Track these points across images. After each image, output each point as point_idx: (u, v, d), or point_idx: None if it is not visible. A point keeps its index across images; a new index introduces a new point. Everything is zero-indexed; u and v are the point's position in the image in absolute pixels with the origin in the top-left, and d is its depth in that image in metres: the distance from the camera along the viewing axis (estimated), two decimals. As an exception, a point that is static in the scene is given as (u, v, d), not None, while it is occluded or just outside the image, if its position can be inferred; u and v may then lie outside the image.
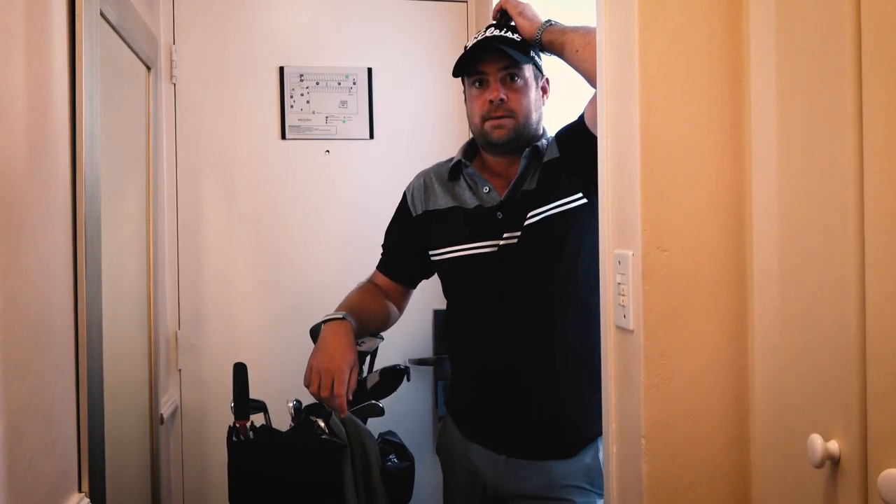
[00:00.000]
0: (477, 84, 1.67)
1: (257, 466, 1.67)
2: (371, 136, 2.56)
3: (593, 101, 1.52)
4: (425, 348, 2.52)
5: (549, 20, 1.61)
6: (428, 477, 2.21)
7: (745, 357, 1.07)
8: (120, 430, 1.79)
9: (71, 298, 1.39)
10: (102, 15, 1.57)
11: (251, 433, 1.69)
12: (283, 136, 2.50)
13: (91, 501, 1.42)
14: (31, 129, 1.23)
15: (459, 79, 1.74)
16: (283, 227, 2.49)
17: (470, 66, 1.66)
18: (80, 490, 1.41)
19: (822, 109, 0.84)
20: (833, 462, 0.79)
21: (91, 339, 1.44)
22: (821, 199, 0.84)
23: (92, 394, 1.44)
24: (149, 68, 2.18)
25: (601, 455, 1.61)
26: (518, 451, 1.65)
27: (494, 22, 1.70)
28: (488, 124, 1.65)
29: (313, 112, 2.53)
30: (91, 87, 1.47)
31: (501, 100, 1.63)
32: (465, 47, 1.70)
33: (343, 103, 2.55)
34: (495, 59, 1.63)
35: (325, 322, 1.66)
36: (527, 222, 1.62)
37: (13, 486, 1.12)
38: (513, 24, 1.66)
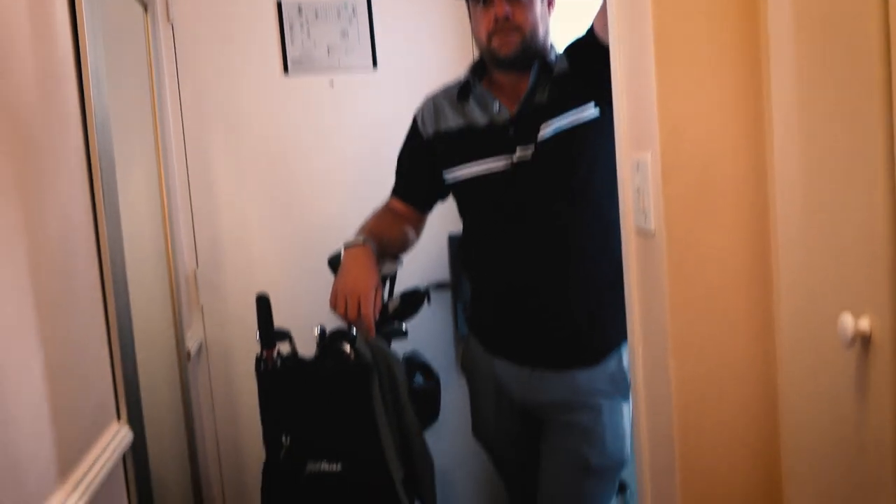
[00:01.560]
0: (481, 2, 1.64)
1: (287, 392, 1.71)
2: (374, 66, 2.52)
3: (603, 11, 1.50)
4: (442, 272, 2.54)
5: None
6: (453, 394, 2.26)
7: (769, 249, 1.07)
8: (150, 366, 1.83)
9: (92, 237, 1.41)
10: (97, -51, 1.54)
11: (278, 361, 1.73)
12: (286, 71, 2.47)
13: (130, 429, 1.46)
14: (39, 70, 1.23)
15: (460, 1, 1.71)
16: (292, 161, 2.49)
17: None
18: (118, 419, 1.46)
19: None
20: (864, 340, 0.80)
21: (116, 277, 1.47)
22: (842, 85, 0.83)
23: (122, 328, 1.47)
24: (145, 7, 2.14)
25: (625, 360, 1.64)
26: (542, 363, 1.69)
27: None
28: (495, 40, 1.63)
29: (314, 44, 2.50)
30: (94, 28, 1.45)
31: (507, 16, 1.61)
32: None
33: (344, 33, 2.51)
34: None
35: (345, 248, 1.68)
36: (540, 135, 1.62)
37: (56, 416, 1.15)
38: None
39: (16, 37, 1.14)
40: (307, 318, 1.89)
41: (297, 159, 2.49)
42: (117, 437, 1.38)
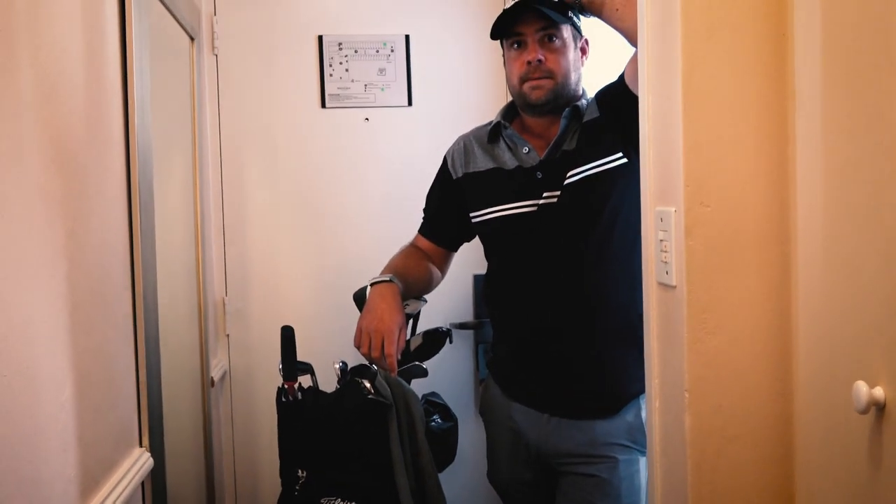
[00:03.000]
0: (515, 46, 1.67)
1: (306, 426, 1.73)
2: (409, 104, 2.57)
3: (633, 60, 1.52)
4: (466, 312, 2.55)
5: None
6: (470, 438, 2.25)
7: (789, 309, 1.07)
8: (174, 391, 1.86)
9: (128, 261, 1.45)
10: (149, -14, 1.61)
11: (299, 394, 1.74)
12: (323, 105, 2.53)
13: (151, 456, 1.48)
14: (88, 98, 1.28)
15: (497, 42, 1.75)
16: (324, 194, 2.53)
17: (507, 27, 1.66)
18: (140, 445, 1.48)
19: (869, 56, 0.84)
20: (878, 408, 0.80)
21: (147, 301, 1.50)
22: (868, 147, 0.84)
23: (149, 353, 1.50)
24: (192, 39, 2.22)
25: (643, 413, 1.63)
26: (560, 410, 1.68)
27: None
28: (526, 85, 1.66)
29: (352, 80, 2.55)
30: (141, 58, 1.51)
31: (539, 60, 1.63)
32: (504, 9, 1.70)
33: (381, 71, 2.57)
34: (533, 20, 1.63)
35: (371, 285, 1.70)
36: (567, 181, 1.63)
37: (83, 436, 1.18)
38: None
39: (68, 66, 1.19)
40: (330, 352, 1.90)
41: (329, 192, 2.53)
42: (138, 463, 1.40)
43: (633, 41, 1.43)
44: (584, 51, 1.72)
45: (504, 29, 1.67)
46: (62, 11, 1.17)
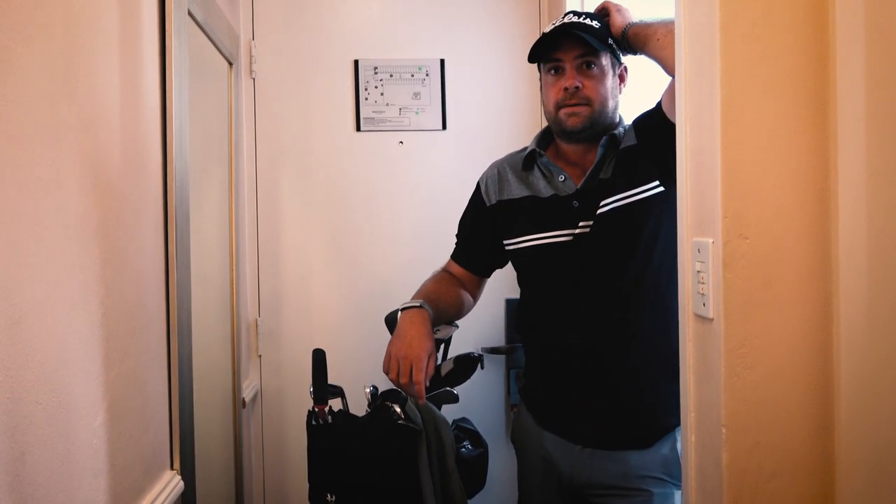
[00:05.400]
0: (553, 71, 1.66)
1: (336, 449, 1.72)
2: (444, 127, 2.58)
3: (671, 89, 1.50)
4: (498, 337, 2.54)
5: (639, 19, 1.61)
6: (500, 465, 2.23)
7: (830, 345, 1.04)
8: (206, 413, 1.87)
9: (163, 286, 1.46)
10: (190, 14, 1.64)
11: (329, 417, 1.74)
12: (358, 129, 2.55)
13: (182, 479, 1.49)
14: (127, 126, 1.30)
15: (534, 67, 1.74)
16: (358, 218, 2.54)
17: (546, 52, 1.66)
18: (171, 468, 1.48)
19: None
20: (924, 453, 0.77)
21: (181, 325, 1.51)
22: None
23: (182, 377, 1.51)
24: (231, 64, 2.25)
25: (679, 446, 1.60)
26: (593, 441, 1.65)
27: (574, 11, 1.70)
28: (563, 112, 1.65)
29: (387, 104, 2.57)
30: (180, 84, 1.53)
31: (577, 87, 1.62)
32: (543, 33, 1.69)
33: (416, 95, 2.58)
34: (572, 47, 1.62)
35: (402, 310, 1.69)
36: (600, 210, 1.62)
37: (114, 461, 1.18)
38: (593, 13, 1.66)
39: (107, 95, 1.21)
40: (361, 376, 1.90)
41: (363, 215, 2.54)
42: (169, 486, 1.41)
43: (671, 70, 1.41)
44: (622, 78, 1.71)
45: (542, 53, 1.67)
46: (101, 41, 1.20)
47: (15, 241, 0.90)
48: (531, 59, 1.69)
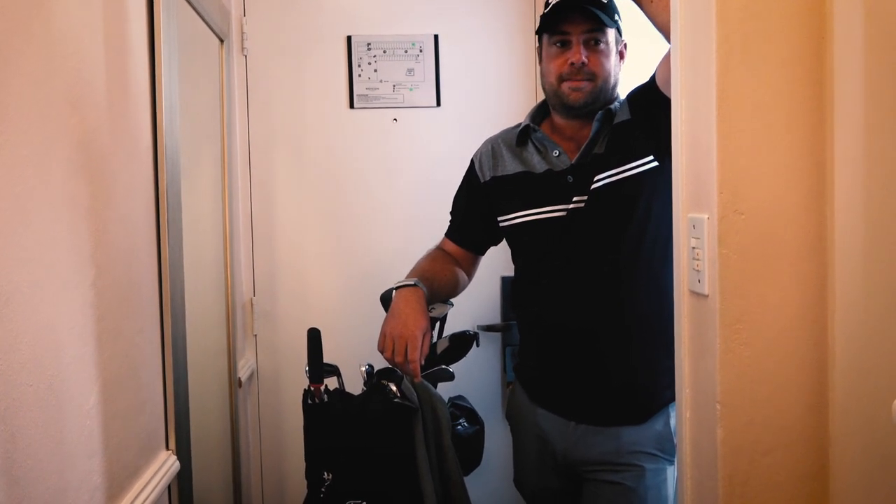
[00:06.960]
0: (558, 44, 1.63)
1: (332, 428, 1.72)
2: (438, 104, 2.56)
3: (666, 61, 1.48)
4: (493, 315, 2.54)
5: None
6: (497, 442, 2.23)
7: (825, 321, 1.04)
8: (202, 393, 1.87)
9: (155, 266, 1.45)
10: (178, -11, 1.61)
11: (325, 396, 1.74)
12: (352, 105, 2.53)
13: (178, 459, 1.49)
14: (116, 104, 1.28)
15: (530, 42, 1.71)
16: (352, 195, 2.53)
17: (553, 25, 1.63)
18: (167, 448, 1.48)
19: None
20: (919, 428, 0.77)
21: (175, 304, 1.51)
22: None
23: (177, 357, 1.51)
24: (221, 41, 2.23)
25: (672, 422, 1.60)
26: (587, 417, 1.66)
27: None
28: (566, 85, 1.62)
29: (381, 81, 2.55)
30: (170, 61, 1.51)
31: (583, 63, 1.60)
32: (547, 3, 1.65)
33: (410, 71, 2.55)
34: (580, 21, 1.59)
35: (396, 289, 1.69)
36: (594, 185, 1.61)
37: (108, 442, 1.18)
38: None
39: (95, 73, 1.19)
40: (356, 354, 1.90)
41: (357, 193, 2.53)
42: (164, 466, 1.41)
43: (669, 36, 1.39)
44: (622, 55, 1.69)
45: (549, 25, 1.64)
46: (86, 17, 1.18)
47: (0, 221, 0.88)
48: (539, 31, 1.66)
